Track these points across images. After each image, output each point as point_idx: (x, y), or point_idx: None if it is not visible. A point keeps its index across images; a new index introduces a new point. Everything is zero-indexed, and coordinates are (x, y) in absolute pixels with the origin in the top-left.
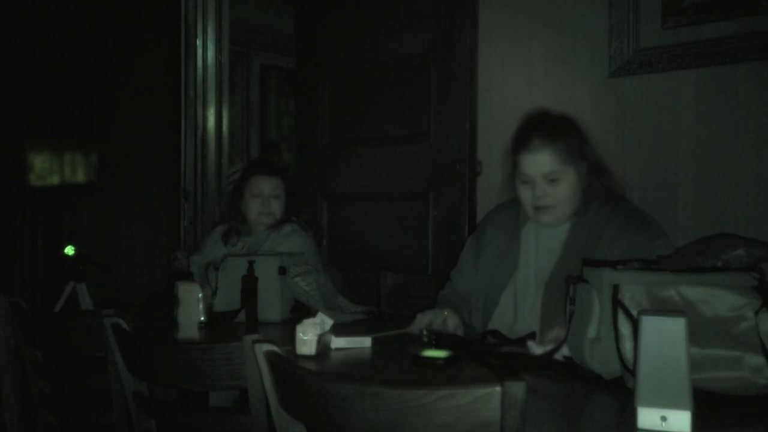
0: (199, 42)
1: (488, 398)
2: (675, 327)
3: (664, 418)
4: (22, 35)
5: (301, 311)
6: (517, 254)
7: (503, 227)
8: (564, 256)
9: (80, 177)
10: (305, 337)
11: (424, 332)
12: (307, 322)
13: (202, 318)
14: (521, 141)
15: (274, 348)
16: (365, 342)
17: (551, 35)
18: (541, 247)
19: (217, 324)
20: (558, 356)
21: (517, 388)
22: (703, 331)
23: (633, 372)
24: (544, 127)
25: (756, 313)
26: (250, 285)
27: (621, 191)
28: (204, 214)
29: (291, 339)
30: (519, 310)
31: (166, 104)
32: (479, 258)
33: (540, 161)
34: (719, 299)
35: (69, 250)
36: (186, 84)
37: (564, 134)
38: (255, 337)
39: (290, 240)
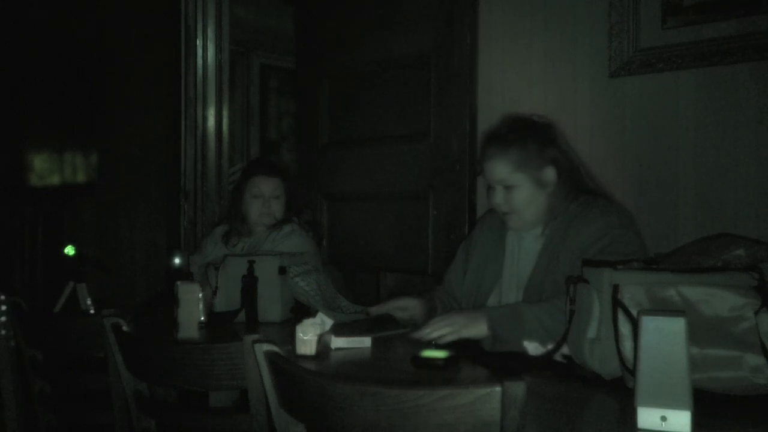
0: (199, 42)
1: (488, 398)
2: (675, 327)
3: (664, 418)
4: (22, 35)
5: (301, 311)
6: (502, 259)
7: (490, 232)
8: (539, 260)
9: (80, 177)
10: (305, 337)
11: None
12: (307, 322)
13: (202, 318)
14: (481, 149)
15: (274, 348)
16: (365, 342)
17: (551, 35)
18: (522, 252)
19: (217, 324)
20: (558, 356)
21: (517, 388)
22: (703, 331)
23: (633, 372)
24: (498, 135)
25: (756, 313)
26: (250, 285)
27: (597, 191)
28: (204, 214)
29: (291, 339)
30: None
31: (166, 104)
32: (468, 263)
33: (495, 169)
34: (719, 299)
35: (69, 250)
36: (186, 84)
37: (517, 142)
38: (255, 337)
39: (290, 240)
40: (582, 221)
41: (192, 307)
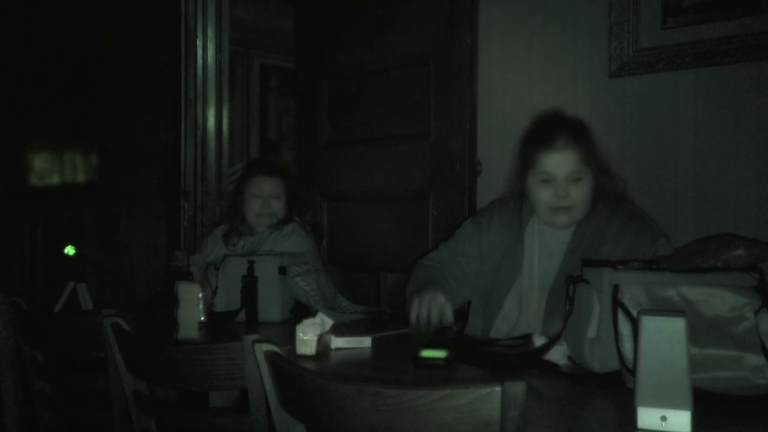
0: (199, 42)
1: (488, 398)
2: (675, 327)
3: (664, 418)
4: (22, 35)
5: (301, 311)
6: (521, 257)
7: (508, 227)
8: (567, 260)
9: (80, 177)
10: (305, 337)
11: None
12: (307, 322)
13: (202, 318)
14: (545, 139)
15: (274, 348)
16: (365, 342)
17: (551, 35)
18: (543, 251)
19: (217, 324)
20: (561, 358)
21: (517, 388)
22: (703, 331)
23: (633, 372)
24: (569, 126)
25: (756, 313)
26: (250, 285)
27: (624, 194)
28: (204, 214)
29: (291, 339)
30: (523, 313)
31: (166, 104)
32: (486, 255)
33: (567, 159)
34: (719, 299)
35: (69, 250)
36: (186, 84)
37: (586, 136)
38: (255, 337)
39: (290, 240)
40: (621, 233)
41: (192, 307)
